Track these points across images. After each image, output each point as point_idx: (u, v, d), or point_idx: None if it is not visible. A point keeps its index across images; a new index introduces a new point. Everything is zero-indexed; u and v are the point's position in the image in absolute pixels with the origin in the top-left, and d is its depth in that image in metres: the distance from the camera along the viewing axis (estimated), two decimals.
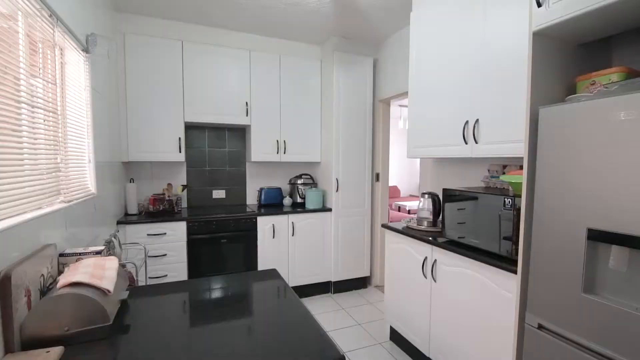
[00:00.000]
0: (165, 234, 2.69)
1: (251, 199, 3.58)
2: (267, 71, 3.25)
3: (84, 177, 1.84)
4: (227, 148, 3.47)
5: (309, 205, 3.34)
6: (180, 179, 3.28)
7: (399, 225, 2.40)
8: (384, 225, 2.50)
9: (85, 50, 1.85)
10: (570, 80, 1.42)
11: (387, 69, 3.39)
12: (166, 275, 2.71)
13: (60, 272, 1.26)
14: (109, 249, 1.72)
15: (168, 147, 2.92)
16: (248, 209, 3.19)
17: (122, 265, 1.48)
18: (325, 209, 3.32)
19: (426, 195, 2.29)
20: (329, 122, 3.34)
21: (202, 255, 2.83)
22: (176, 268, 2.74)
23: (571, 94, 1.37)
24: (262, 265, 3.05)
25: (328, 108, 3.35)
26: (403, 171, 7.71)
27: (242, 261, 2.98)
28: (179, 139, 2.95)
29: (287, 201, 3.45)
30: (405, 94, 3.01)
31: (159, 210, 2.88)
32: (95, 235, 1.95)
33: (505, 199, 1.57)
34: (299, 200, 3.47)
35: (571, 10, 1.19)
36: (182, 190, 3.16)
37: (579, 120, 1.15)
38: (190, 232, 2.78)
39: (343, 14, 2.86)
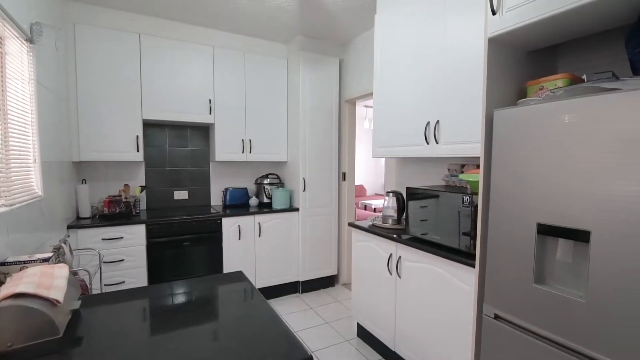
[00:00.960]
0: (122, 238, 2.54)
1: (216, 200, 3.48)
2: (231, 68, 3.17)
3: (28, 178, 1.69)
4: (189, 147, 3.35)
5: (275, 205, 3.31)
6: (138, 179, 3.12)
7: (365, 224, 2.44)
8: (350, 224, 2.53)
9: (30, 40, 1.70)
10: (522, 84, 1.52)
11: (352, 69, 3.44)
12: (124, 282, 2.56)
13: (1, 283, 1.15)
14: (59, 256, 1.59)
15: (125, 146, 2.76)
16: (212, 210, 3.10)
17: (73, 273, 1.37)
18: (292, 208, 3.30)
19: (390, 194, 2.35)
20: (295, 121, 3.32)
21: (163, 260, 2.70)
22: (135, 274, 2.60)
23: (522, 98, 1.47)
24: (227, 267, 2.97)
25: (294, 107, 3.33)
26: (369, 170, 7.87)
27: (207, 264, 2.89)
28: (137, 137, 2.79)
29: (253, 201, 3.39)
30: (370, 95, 3.07)
31: (115, 213, 2.71)
32: (42, 241, 1.80)
33: (464, 197, 1.65)
34: (265, 200, 3.43)
35: (522, 19, 1.28)
36: (141, 192, 3.00)
37: (529, 122, 1.23)
38: (149, 235, 2.64)
39: (309, 13, 2.86)
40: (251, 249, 3.10)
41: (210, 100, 3.08)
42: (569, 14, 1.17)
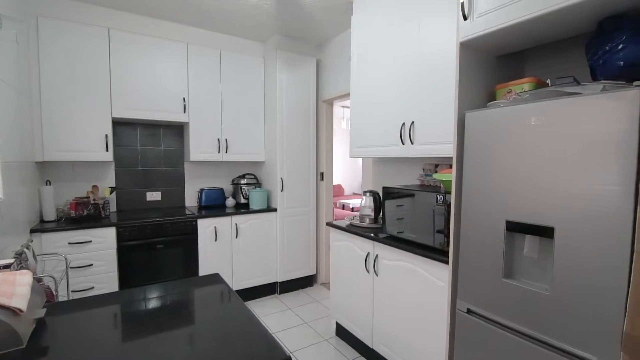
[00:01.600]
0: (90, 241, 2.43)
1: (191, 201, 3.40)
2: (206, 66, 3.11)
3: None
4: (162, 147, 3.25)
5: (253, 206, 3.27)
6: (108, 180, 2.99)
7: (343, 223, 2.46)
8: (328, 224, 2.55)
9: None
10: (491, 87, 1.58)
11: (330, 69, 3.46)
12: (93, 288, 2.45)
13: None
14: (21, 262, 1.50)
15: (93, 145, 2.64)
16: (187, 211, 3.02)
17: (37, 280, 1.30)
18: (270, 209, 3.27)
19: (367, 194, 2.39)
20: (272, 120, 3.30)
21: (135, 263, 2.61)
22: (105, 279, 2.49)
23: (492, 100, 1.53)
24: (203, 270, 2.91)
25: (272, 107, 3.31)
26: (347, 170, 7.93)
27: (182, 267, 2.82)
28: (106, 136, 2.68)
29: (230, 202, 3.34)
30: (347, 95, 3.10)
31: (83, 216, 2.59)
32: (2, 246, 1.69)
33: (438, 196, 1.70)
34: (242, 200, 3.38)
35: (492, 25, 1.33)
36: (111, 193, 2.88)
37: (498, 124, 1.28)
38: (120, 238, 2.54)
39: (286, 12, 2.84)
40: (228, 250, 3.05)
41: (184, 98, 3.00)
42: (534, 22, 1.24)
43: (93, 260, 2.44)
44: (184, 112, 3.01)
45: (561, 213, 1.10)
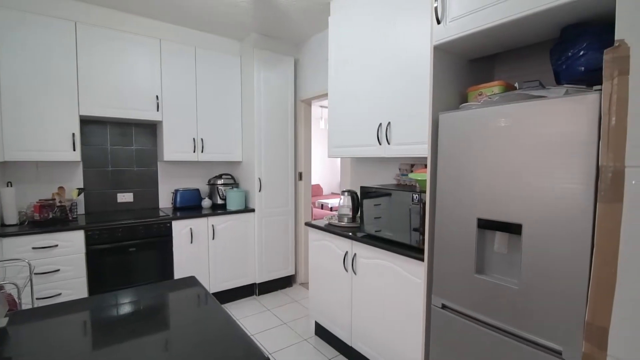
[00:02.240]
0: (56, 246, 2.31)
1: (165, 202, 3.30)
2: (180, 63, 3.03)
3: None
4: (134, 146, 3.14)
5: (230, 207, 3.22)
6: (75, 181, 2.85)
7: (322, 223, 2.47)
8: (307, 224, 2.55)
9: None
10: (464, 90, 1.63)
11: (308, 69, 3.46)
12: (60, 294, 2.33)
13: None
14: None
15: (58, 145, 2.51)
16: (161, 213, 2.93)
17: None
18: (247, 209, 3.24)
19: (346, 193, 2.41)
20: (250, 120, 3.26)
21: (106, 268, 2.51)
22: (73, 284, 2.38)
23: (465, 102, 1.58)
24: (179, 273, 2.84)
25: (249, 106, 3.27)
26: (325, 170, 7.96)
27: (156, 270, 2.73)
28: (73, 135, 2.56)
29: (206, 203, 3.27)
30: (325, 95, 3.11)
31: (48, 219, 2.46)
32: None
33: (413, 195, 1.74)
34: (219, 201, 3.32)
35: (463, 29, 1.38)
36: (78, 195, 2.75)
37: (470, 125, 1.33)
38: (89, 242, 2.43)
39: (263, 10, 2.82)
40: (204, 252, 2.99)
41: (157, 96, 2.91)
42: (502, 27, 1.29)
43: (60, 266, 2.32)
44: (157, 110, 2.92)
45: (528, 210, 1.15)
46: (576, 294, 1.04)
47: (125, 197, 3.10)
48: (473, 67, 1.70)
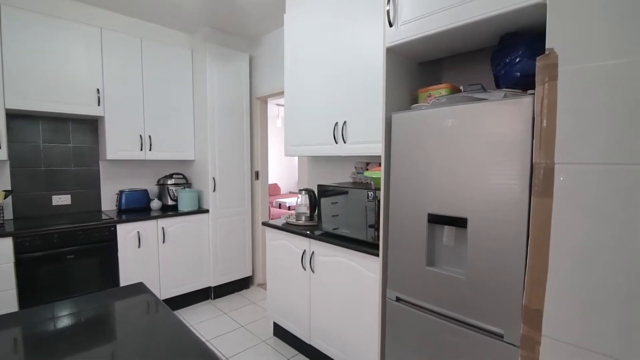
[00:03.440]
0: None
1: (108, 204, 3.06)
2: (125, 55, 2.82)
3: None
4: (72, 143, 2.86)
5: (182, 208, 3.07)
6: (1, 182, 2.54)
7: (279, 222, 2.45)
8: (264, 223, 2.51)
9: None
10: (415, 91, 1.71)
11: (263, 66, 3.40)
12: None
13: None
14: None
15: None
16: (104, 216, 2.72)
17: None
18: (201, 210, 3.11)
19: (303, 192, 2.41)
20: (203, 117, 3.13)
21: (40, 278, 2.26)
22: (0, 298, 2.12)
23: (415, 103, 1.65)
24: (125, 280, 2.64)
25: (202, 102, 3.14)
26: (283, 169, 7.90)
27: (99, 279, 2.52)
28: None
29: (155, 204, 3.08)
30: (281, 93, 3.08)
31: None
32: None
33: (368, 192, 1.79)
34: (170, 202, 3.15)
35: (413, 33, 1.44)
36: (5, 197, 2.45)
37: (420, 125, 1.39)
38: (19, 250, 2.18)
39: (216, 3, 2.71)
40: (154, 256, 2.82)
41: (98, 89, 2.68)
42: (448, 33, 1.37)
43: None
44: (99, 104, 2.69)
45: (472, 205, 1.24)
46: (514, 280, 1.13)
47: (61, 200, 2.82)
48: (423, 69, 1.79)
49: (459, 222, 1.28)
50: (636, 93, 0.85)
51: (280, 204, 6.58)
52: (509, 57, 1.34)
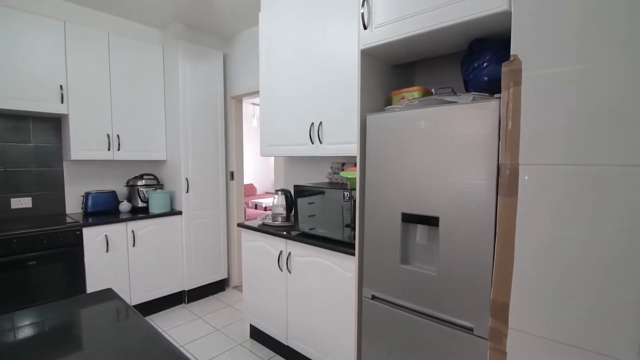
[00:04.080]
0: None
1: (73, 207, 2.91)
2: (91, 50, 2.69)
3: None
4: (32, 143, 2.70)
5: (153, 210, 2.97)
6: None
7: (255, 223, 2.42)
8: (239, 225, 2.48)
9: None
10: (389, 93, 1.74)
11: (238, 65, 3.35)
12: None
13: None
14: None
15: None
16: (69, 220, 2.58)
17: None
18: (174, 212, 3.02)
19: (279, 192, 2.40)
20: (175, 116, 3.04)
21: None
22: None
23: (389, 105, 1.69)
24: (93, 286, 2.52)
25: (174, 100, 3.05)
26: (259, 169, 7.81)
27: (64, 286, 2.39)
28: None
29: (124, 206, 2.96)
30: (257, 93, 3.04)
31: None
32: None
33: (345, 193, 1.81)
34: (140, 204, 3.04)
35: (386, 36, 1.47)
36: None
37: (394, 126, 1.43)
38: None
39: None
40: (124, 261, 2.71)
41: (61, 86, 2.54)
42: (419, 37, 1.41)
43: None
44: (62, 102, 2.55)
45: (443, 204, 1.28)
46: (483, 276, 1.18)
47: (21, 203, 2.65)
48: (397, 71, 1.83)
49: (432, 221, 1.32)
50: (595, 98, 0.91)
51: (256, 205, 6.51)
52: (477, 62, 1.40)
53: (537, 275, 1.01)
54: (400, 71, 1.85)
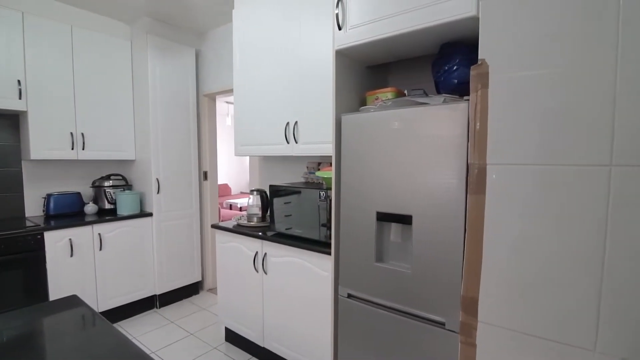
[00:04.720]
0: None
1: (33, 210, 2.73)
2: (52, 44, 2.54)
3: None
4: None
5: (121, 211, 2.85)
6: None
7: (230, 224, 2.38)
8: (213, 226, 2.43)
9: None
10: (363, 93, 1.77)
11: (212, 62, 3.27)
12: None
13: None
14: None
15: None
16: (29, 223, 2.42)
17: None
18: (143, 213, 2.91)
19: (255, 192, 2.37)
20: (144, 113, 2.93)
21: None
22: None
23: (364, 105, 1.71)
24: (56, 293, 2.38)
25: (143, 98, 2.93)
26: (233, 169, 7.68)
27: (23, 293, 2.25)
28: None
29: (90, 208, 2.82)
30: (231, 91, 2.98)
31: None
32: None
33: (320, 192, 1.81)
34: (107, 206, 2.90)
35: (361, 37, 1.49)
36: None
37: (368, 127, 1.45)
38: None
39: None
40: (90, 266, 2.58)
41: (19, 81, 2.38)
42: (392, 39, 1.43)
43: None
44: (20, 98, 2.39)
45: (416, 203, 1.31)
46: (454, 272, 1.22)
47: None
48: (371, 72, 1.85)
49: (405, 220, 1.36)
50: (558, 100, 0.96)
51: (231, 205, 6.40)
52: (447, 65, 1.45)
53: (505, 270, 1.06)
54: (374, 72, 1.87)
